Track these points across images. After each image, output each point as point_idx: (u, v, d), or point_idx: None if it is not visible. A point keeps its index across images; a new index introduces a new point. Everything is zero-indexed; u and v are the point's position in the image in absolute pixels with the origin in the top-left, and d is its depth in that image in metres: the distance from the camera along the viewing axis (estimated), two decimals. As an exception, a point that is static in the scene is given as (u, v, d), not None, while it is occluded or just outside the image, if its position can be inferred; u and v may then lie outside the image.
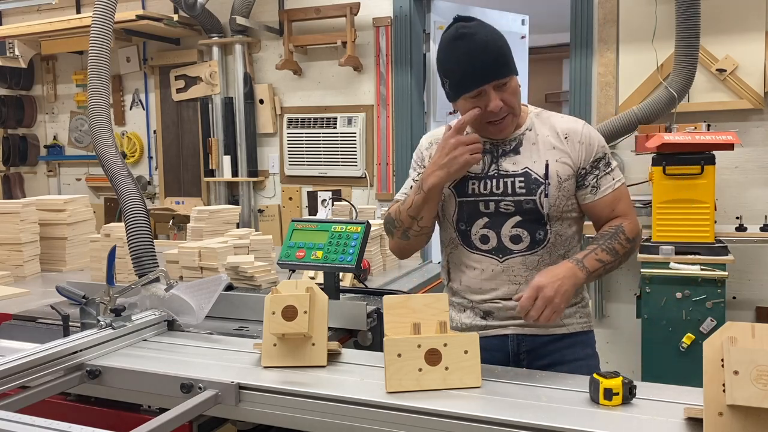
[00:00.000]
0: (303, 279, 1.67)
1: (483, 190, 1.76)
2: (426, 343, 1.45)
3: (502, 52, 1.67)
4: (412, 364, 1.43)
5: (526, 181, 1.73)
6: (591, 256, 1.66)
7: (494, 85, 1.66)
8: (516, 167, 1.75)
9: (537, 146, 1.76)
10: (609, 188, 1.76)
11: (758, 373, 1.12)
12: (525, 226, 1.74)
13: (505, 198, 1.74)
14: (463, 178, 1.77)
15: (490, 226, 1.76)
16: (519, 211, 1.74)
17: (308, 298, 1.58)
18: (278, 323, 1.57)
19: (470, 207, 1.78)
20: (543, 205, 1.72)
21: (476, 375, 1.45)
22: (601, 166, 1.76)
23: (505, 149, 1.78)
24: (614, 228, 1.73)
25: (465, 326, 1.84)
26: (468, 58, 1.65)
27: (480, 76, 1.66)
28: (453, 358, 1.45)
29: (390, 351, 1.44)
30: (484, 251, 1.78)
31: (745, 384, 1.12)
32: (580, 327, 1.83)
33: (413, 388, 1.42)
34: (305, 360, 1.59)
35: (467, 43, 1.65)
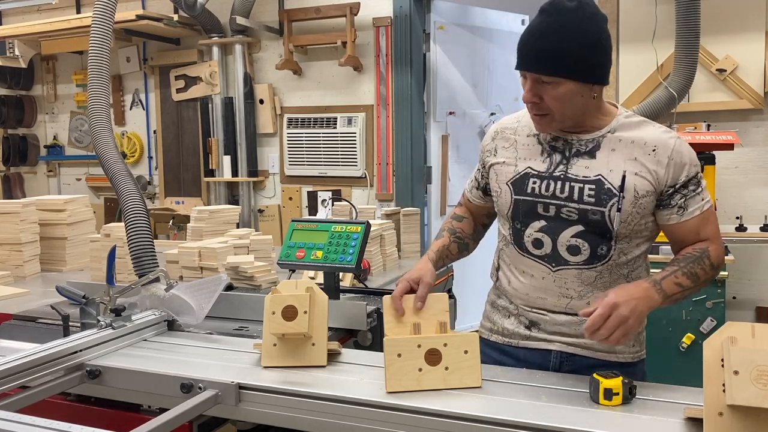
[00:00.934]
0: (303, 279, 1.67)
1: (544, 191, 1.60)
2: (426, 343, 1.45)
3: (560, 47, 1.48)
4: (412, 364, 1.43)
5: (597, 190, 1.55)
6: (670, 279, 1.50)
7: (533, 77, 1.52)
8: (588, 172, 1.57)
9: (616, 153, 1.57)
10: (697, 209, 1.57)
11: (758, 373, 1.12)
12: (586, 238, 1.58)
13: (568, 204, 1.57)
14: (524, 174, 1.63)
15: (547, 231, 1.61)
16: (583, 221, 1.57)
17: (308, 298, 1.58)
18: (278, 323, 1.57)
19: (527, 206, 1.63)
20: (613, 219, 1.54)
21: (476, 375, 1.44)
22: (691, 187, 1.56)
23: (579, 149, 1.60)
24: (699, 251, 1.56)
25: (507, 332, 1.72)
26: (525, 37, 1.53)
27: (521, 60, 1.53)
28: (453, 359, 1.44)
29: (390, 351, 1.44)
30: (535, 256, 1.63)
31: (745, 384, 1.12)
32: (631, 357, 1.66)
33: (413, 388, 1.42)
34: (305, 360, 1.59)
35: (537, 21, 1.52)
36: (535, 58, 1.51)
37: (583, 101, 1.55)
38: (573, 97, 1.52)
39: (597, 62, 1.53)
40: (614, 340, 1.40)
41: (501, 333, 1.73)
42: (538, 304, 1.65)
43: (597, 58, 1.53)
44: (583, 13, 1.50)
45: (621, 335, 1.40)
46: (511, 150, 1.69)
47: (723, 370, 1.17)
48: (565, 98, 1.52)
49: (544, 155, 1.63)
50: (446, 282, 2.87)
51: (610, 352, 1.63)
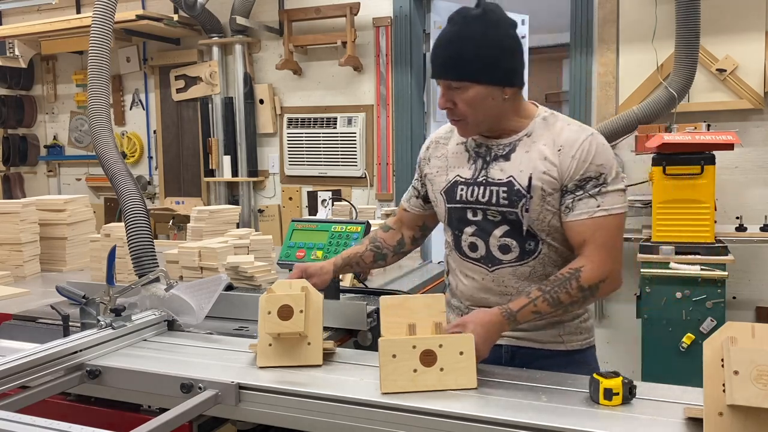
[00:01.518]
0: (299, 281, 1.67)
1: (470, 197, 1.67)
2: (421, 344, 1.45)
3: (466, 53, 1.55)
4: (407, 365, 1.43)
5: (508, 192, 1.61)
6: (528, 309, 1.53)
7: (445, 84, 1.60)
8: (502, 175, 1.63)
9: (529, 154, 1.62)
10: (584, 214, 1.56)
11: (758, 373, 1.12)
12: (514, 236, 1.64)
13: (490, 207, 1.64)
14: (454, 183, 1.70)
15: (479, 234, 1.67)
16: (506, 221, 1.64)
17: (304, 298, 1.58)
18: (274, 323, 1.57)
19: (458, 213, 1.70)
20: (525, 218, 1.60)
21: (471, 376, 1.44)
22: (588, 187, 1.56)
23: (497, 153, 1.66)
24: (570, 273, 1.55)
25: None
26: (434, 47, 1.62)
27: (432, 67, 1.63)
28: (448, 359, 1.44)
29: (385, 352, 1.44)
30: (473, 259, 1.70)
31: (745, 384, 1.12)
32: (579, 344, 1.72)
33: (408, 389, 1.42)
34: (301, 359, 1.59)
35: (445, 31, 1.60)
36: (443, 65, 1.59)
37: (494, 104, 1.59)
38: (483, 100, 1.58)
39: (503, 65, 1.58)
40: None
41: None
42: (483, 304, 1.70)
43: (503, 62, 1.58)
44: (487, 19, 1.57)
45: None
46: (443, 159, 1.76)
47: (723, 370, 1.17)
48: (474, 102, 1.58)
49: (470, 162, 1.70)
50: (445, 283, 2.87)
51: (557, 342, 1.70)
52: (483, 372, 1.53)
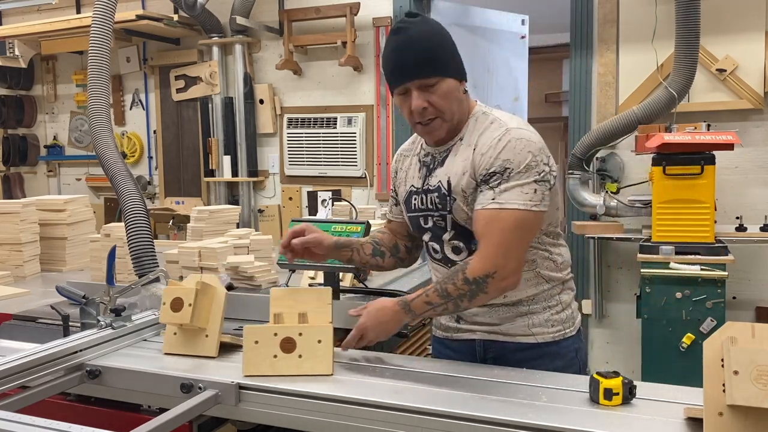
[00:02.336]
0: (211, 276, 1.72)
1: (420, 206, 1.74)
2: (282, 332, 1.56)
3: (431, 50, 1.59)
4: (268, 350, 1.54)
5: (439, 196, 1.68)
6: (421, 299, 1.58)
7: (418, 85, 1.59)
8: (435, 181, 1.69)
9: (457, 157, 1.66)
10: (479, 205, 1.57)
11: (758, 373, 1.12)
12: (459, 238, 1.69)
13: (433, 213, 1.71)
14: (409, 193, 1.77)
15: (434, 239, 1.74)
16: (450, 225, 1.69)
17: (194, 292, 1.65)
18: (167, 313, 1.67)
19: (415, 221, 1.77)
20: (456, 220, 1.65)
21: (328, 363, 1.55)
22: (491, 181, 1.56)
23: (437, 160, 1.71)
24: (459, 266, 1.59)
25: (443, 326, 1.83)
26: (395, 54, 1.62)
27: (401, 73, 1.61)
28: (307, 347, 1.55)
29: (248, 338, 1.55)
30: (437, 260, 1.77)
31: (745, 384, 1.12)
32: (551, 336, 1.71)
33: (268, 372, 1.53)
34: (197, 350, 1.68)
35: (398, 39, 1.62)
36: (415, 66, 1.59)
37: (459, 96, 1.65)
38: (454, 92, 1.62)
39: (458, 59, 1.66)
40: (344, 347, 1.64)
41: (440, 328, 1.85)
42: None
43: (457, 57, 1.66)
44: (430, 22, 1.66)
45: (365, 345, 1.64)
46: (403, 171, 1.83)
47: (723, 370, 1.16)
48: (450, 94, 1.61)
49: (420, 171, 1.76)
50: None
51: (527, 334, 1.71)
52: (483, 371, 1.54)
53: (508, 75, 5.02)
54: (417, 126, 1.66)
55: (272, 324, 1.60)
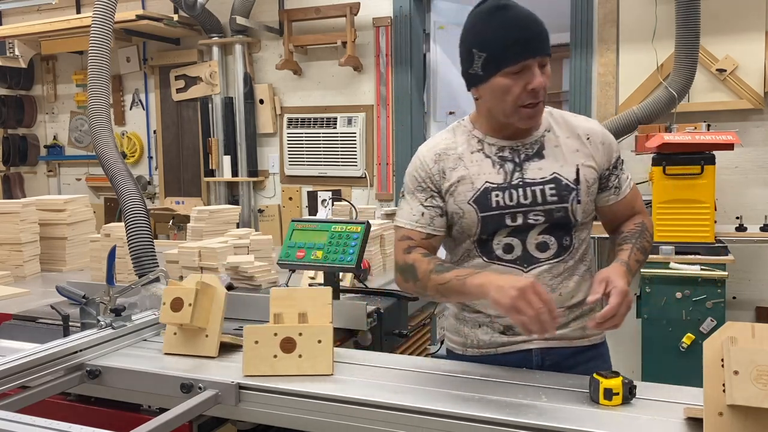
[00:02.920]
0: (211, 276, 1.72)
1: (509, 202, 1.59)
2: (282, 332, 1.55)
3: (545, 29, 1.53)
4: (268, 350, 1.54)
5: (557, 188, 1.58)
6: (633, 258, 1.58)
7: (540, 62, 1.51)
8: (543, 173, 1.60)
9: (560, 149, 1.62)
10: (628, 187, 1.70)
11: (758, 373, 1.12)
12: (552, 233, 1.60)
13: (534, 208, 1.58)
14: (484, 190, 1.60)
15: (515, 235, 1.61)
16: (548, 221, 1.59)
17: (194, 292, 1.65)
18: (167, 313, 1.67)
19: (495, 220, 1.60)
20: (576, 211, 1.59)
21: (328, 363, 1.54)
22: (619, 166, 1.68)
23: (527, 153, 1.62)
24: (639, 226, 1.67)
25: (483, 343, 1.67)
26: (515, 28, 1.50)
27: (527, 47, 1.49)
28: (307, 347, 1.54)
29: (248, 338, 1.55)
30: (506, 261, 1.61)
31: (745, 384, 1.12)
32: (599, 338, 1.71)
33: (268, 372, 1.52)
34: (198, 350, 1.68)
35: (513, 13, 1.51)
36: (538, 40, 1.51)
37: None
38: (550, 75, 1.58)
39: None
40: (619, 326, 1.43)
41: (476, 345, 1.68)
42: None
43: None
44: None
45: (621, 320, 1.44)
46: (461, 169, 1.63)
47: (723, 370, 1.16)
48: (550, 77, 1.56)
49: (496, 167, 1.62)
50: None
51: (583, 337, 1.68)
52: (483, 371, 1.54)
53: (508, 75, 5.01)
54: (522, 109, 1.53)
55: (272, 324, 1.60)
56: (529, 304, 1.34)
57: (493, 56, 1.52)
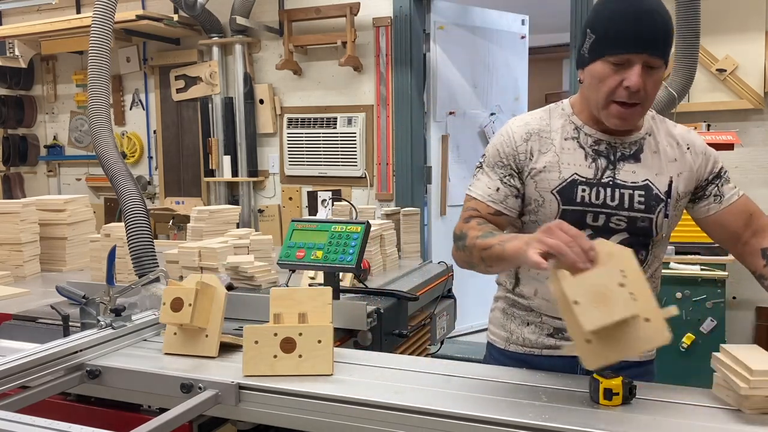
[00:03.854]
0: (211, 276, 1.72)
1: (595, 200, 1.51)
2: (282, 332, 1.55)
3: (669, 30, 1.43)
4: (268, 351, 1.54)
5: (646, 196, 1.50)
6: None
7: (645, 60, 1.41)
8: (636, 177, 1.51)
9: (659, 156, 1.53)
10: (734, 195, 1.56)
11: (594, 295, 1.16)
12: (630, 243, 1.47)
13: (619, 212, 1.51)
14: (572, 182, 1.51)
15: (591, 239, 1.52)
16: (630, 229, 1.51)
17: (194, 292, 1.65)
18: (167, 313, 1.66)
19: (575, 216, 1.51)
20: (660, 225, 1.51)
21: (328, 363, 1.54)
22: (723, 175, 1.57)
23: (624, 153, 1.53)
24: (759, 241, 1.53)
25: (528, 342, 1.65)
26: (630, 18, 1.41)
27: (636, 39, 1.41)
28: (307, 347, 1.54)
29: (248, 338, 1.54)
30: None
31: (588, 310, 1.16)
32: (650, 356, 1.67)
33: (268, 373, 1.52)
34: (198, 350, 1.67)
35: (637, 2, 1.42)
36: (651, 40, 1.41)
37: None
38: (661, 82, 1.48)
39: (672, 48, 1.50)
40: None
41: (521, 343, 1.66)
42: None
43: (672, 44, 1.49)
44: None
45: None
46: (551, 154, 1.54)
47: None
48: (659, 85, 1.47)
49: (588, 160, 1.53)
50: (446, 282, 2.87)
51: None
52: (482, 371, 1.53)
53: (508, 75, 5.02)
54: (613, 105, 1.45)
55: (272, 324, 1.60)
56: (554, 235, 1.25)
57: (600, 40, 1.45)
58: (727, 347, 1.35)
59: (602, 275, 1.19)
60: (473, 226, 1.53)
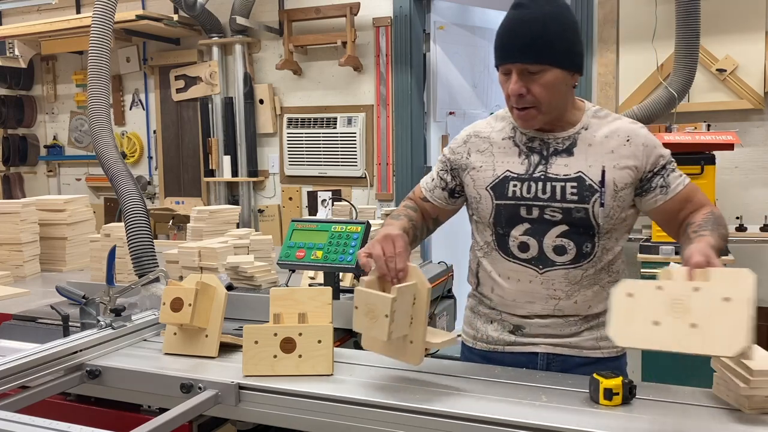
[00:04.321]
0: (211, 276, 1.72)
1: (526, 194, 1.58)
2: (282, 332, 1.56)
3: (545, 36, 1.49)
4: (268, 350, 1.54)
5: (579, 187, 1.56)
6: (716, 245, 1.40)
7: (520, 69, 1.50)
8: (568, 170, 1.57)
9: (593, 148, 1.58)
10: (680, 184, 1.59)
11: (368, 310, 1.38)
12: (571, 237, 1.57)
13: (551, 204, 1.56)
14: (504, 178, 1.61)
15: (532, 234, 1.59)
16: (566, 220, 1.57)
17: (194, 292, 1.65)
18: (167, 313, 1.67)
19: (509, 210, 1.60)
20: (597, 215, 1.55)
21: (328, 363, 1.55)
22: (668, 167, 1.60)
23: (557, 148, 1.60)
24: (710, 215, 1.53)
25: (491, 339, 1.70)
26: (506, 31, 1.53)
27: (506, 53, 1.52)
28: (307, 347, 1.55)
29: (248, 338, 1.55)
30: (521, 260, 1.61)
31: (360, 316, 1.38)
32: (616, 352, 1.67)
33: (267, 373, 1.53)
34: (197, 350, 1.68)
35: (514, 15, 1.52)
36: (521, 49, 1.50)
37: (565, 90, 1.56)
38: (559, 85, 1.53)
39: (577, 50, 1.56)
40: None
41: (485, 340, 1.72)
42: (525, 309, 1.64)
43: (576, 46, 1.56)
44: (557, 3, 1.54)
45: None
46: (487, 154, 1.66)
47: None
48: (552, 86, 1.52)
49: (521, 157, 1.62)
50: (446, 282, 2.87)
51: (595, 348, 1.65)
52: (482, 371, 1.53)
53: (508, 75, 5.01)
54: (513, 109, 1.58)
55: (272, 324, 1.60)
56: (385, 245, 1.44)
57: (494, 52, 1.58)
58: (727, 347, 1.35)
59: (380, 302, 1.37)
60: (401, 206, 1.78)
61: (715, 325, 1.10)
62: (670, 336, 1.13)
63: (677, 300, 1.13)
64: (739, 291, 1.11)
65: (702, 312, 1.11)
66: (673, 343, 1.13)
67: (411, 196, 1.82)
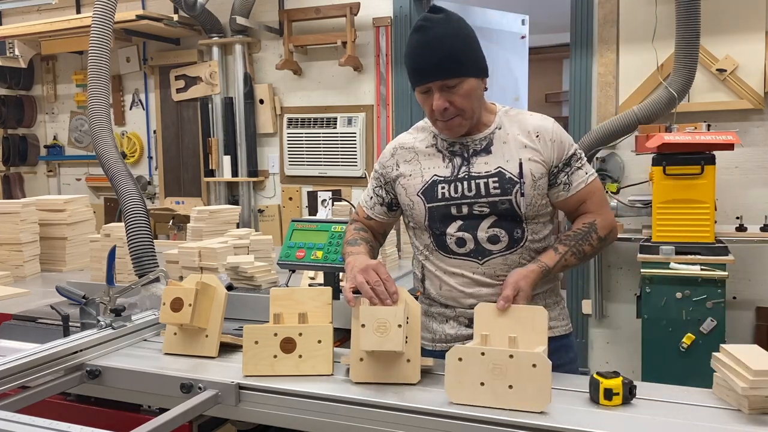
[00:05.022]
0: (211, 276, 1.72)
1: (454, 194, 1.71)
2: (282, 332, 1.56)
3: (455, 52, 1.62)
4: (268, 350, 1.55)
5: (500, 181, 1.68)
6: (560, 264, 1.67)
7: (439, 85, 1.63)
8: (488, 167, 1.70)
9: (508, 145, 1.71)
10: (582, 183, 1.73)
11: (378, 324, 1.41)
12: (502, 226, 1.70)
13: (478, 200, 1.69)
14: (432, 182, 1.73)
15: (465, 229, 1.71)
16: (494, 212, 1.70)
17: (194, 292, 1.65)
18: (167, 313, 1.67)
19: (441, 211, 1.72)
20: (520, 204, 1.68)
21: (328, 363, 1.56)
22: (573, 163, 1.73)
23: (476, 149, 1.73)
24: (587, 226, 1.72)
25: (450, 337, 1.77)
26: (417, 53, 1.65)
27: (424, 74, 1.64)
28: (307, 347, 1.56)
29: (248, 338, 1.55)
30: (461, 255, 1.72)
31: (369, 334, 1.42)
32: (563, 330, 1.81)
33: (267, 373, 1.53)
34: (197, 350, 1.68)
35: (421, 37, 1.64)
36: (437, 67, 1.62)
37: (480, 95, 1.71)
38: (475, 91, 1.66)
39: (481, 57, 1.69)
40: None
41: (443, 340, 1.79)
42: (474, 298, 1.71)
43: (480, 54, 1.69)
44: (453, 19, 1.66)
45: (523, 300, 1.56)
46: (414, 162, 1.79)
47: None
48: (470, 94, 1.65)
49: (445, 161, 1.75)
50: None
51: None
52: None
53: (508, 75, 5.02)
54: (438, 123, 1.71)
55: (272, 324, 1.60)
56: (367, 275, 1.54)
57: (408, 74, 1.70)
58: (727, 347, 1.35)
59: (391, 313, 1.43)
60: (350, 230, 1.88)
61: (526, 386, 1.32)
62: (492, 395, 1.34)
63: (497, 365, 1.34)
64: (541, 358, 1.33)
65: (516, 375, 1.33)
66: (496, 400, 1.33)
67: (355, 217, 1.95)
